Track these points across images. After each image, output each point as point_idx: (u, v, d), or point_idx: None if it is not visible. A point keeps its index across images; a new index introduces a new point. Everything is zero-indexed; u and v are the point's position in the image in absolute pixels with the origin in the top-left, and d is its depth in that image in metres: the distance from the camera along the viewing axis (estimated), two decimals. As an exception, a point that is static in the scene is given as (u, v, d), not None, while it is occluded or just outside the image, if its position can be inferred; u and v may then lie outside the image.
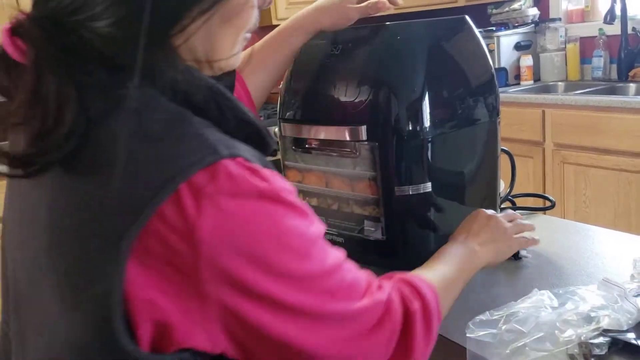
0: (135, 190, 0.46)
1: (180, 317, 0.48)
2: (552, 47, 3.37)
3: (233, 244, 0.47)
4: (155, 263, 0.47)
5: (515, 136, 2.91)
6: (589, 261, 0.92)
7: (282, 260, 0.50)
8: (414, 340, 0.60)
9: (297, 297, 0.52)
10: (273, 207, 0.50)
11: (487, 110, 0.96)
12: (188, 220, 0.46)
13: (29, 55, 0.48)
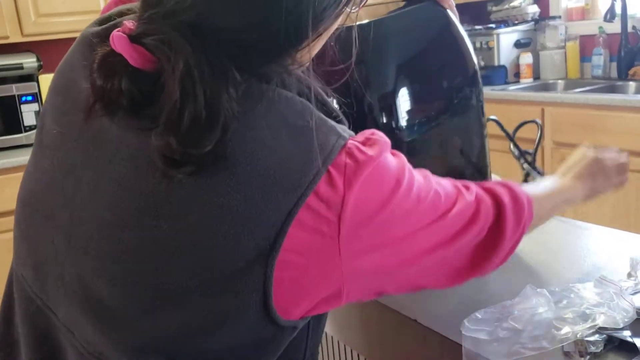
0: (292, 175, 0.53)
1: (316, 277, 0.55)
2: (551, 45, 3.36)
3: (370, 208, 0.55)
4: (305, 234, 0.53)
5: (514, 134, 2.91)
6: (586, 259, 0.91)
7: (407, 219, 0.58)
8: (505, 230, 0.66)
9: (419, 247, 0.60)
10: (387, 172, 0.57)
11: (470, 102, 0.94)
12: (337, 196, 0.54)
13: (168, 62, 0.51)
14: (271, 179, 0.52)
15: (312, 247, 0.54)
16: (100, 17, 0.69)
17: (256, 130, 0.53)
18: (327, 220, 0.54)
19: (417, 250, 0.60)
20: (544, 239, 1.01)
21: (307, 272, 0.55)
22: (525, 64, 3.34)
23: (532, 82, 3.32)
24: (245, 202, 0.52)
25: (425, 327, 0.77)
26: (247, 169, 0.52)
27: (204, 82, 0.51)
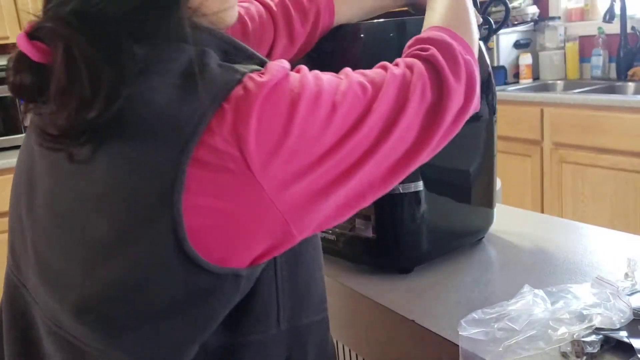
0: (181, 117, 0.54)
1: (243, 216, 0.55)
2: (551, 46, 3.36)
3: (273, 134, 0.55)
4: (210, 175, 0.54)
5: (513, 135, 2.91)
6: (583, 259, 0.91)
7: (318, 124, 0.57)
8: (444, 75, 0.65)
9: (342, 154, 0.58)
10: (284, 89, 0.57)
11: (483, 108, 0.95)
12: (230, 128, 0.54)
13: (57, 50, 0.54)
14: (161, 125, 0.54)
15: (228, 188, 0.54)
16: None
17: (150, 89, 0.56)
18: (229, 155, 0.54)
19: (355, 155, 0.59)
20: (541, 239, 1.01)
21: (237, 215, 0.55)
22: (524, 65, 3.34)
23: (531, 82, 3.33)
24: (141, 151, 0.55)
25: (423, 328, 0.77)
26: (139, 123, 0.55)
27: (87, 60, 0.53)
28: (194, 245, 0.55)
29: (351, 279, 0.93)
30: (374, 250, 0.93)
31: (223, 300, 0.60)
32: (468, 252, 0.98)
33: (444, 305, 0.82)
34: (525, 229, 1.06)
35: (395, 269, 0.93)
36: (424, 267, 0.94)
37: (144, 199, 0.54)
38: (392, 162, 0.63)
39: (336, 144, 0.58)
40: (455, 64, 0.67)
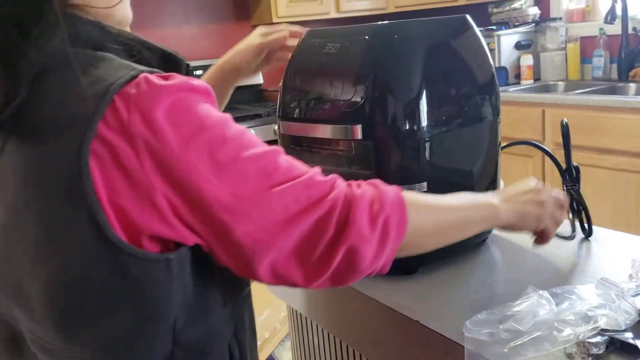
0: (75, 113, 0.58)
1: (137, 211, 0.58)
2: (552, 47, 3.36)
3: (162, 135, 0.58)
4: (108, 167, 0.58)
5: (515, 135, 2.91)
6: (587, 261, 0.91)
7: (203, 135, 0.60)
8: (355, 214, 0.63)
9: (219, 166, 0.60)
10: (187, 94, 0.61)
11: (486, 109, 0.95)
12: (123, 123, 0.57)
13: None
14: (60, 122, 0.59)
15: (127, 178, 0.58)
16: None
17: (48, 88, 0.60)
18: (122, 149, 0.57)
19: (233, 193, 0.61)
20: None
21: (139, 202, 0.58)
22: (525, 66, 3.34)
23: (532, 83, 3.33)
24: (45, 149, 0.59)
25: (428, 329, 0.77)
26: (40, 121, 0.60)
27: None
28: (119, 232, 0.59)
29: (355, 280, 0.93)
30: (378, 251, 0.93)
31: (161, 287, 0.62)
32: (472, 253, 0.98)
33: (448, 306, 0.82)
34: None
35: (399, 270, 0.93)
36: (428, 268, 0.94)
37: (56, 196, 0.58)
38: None
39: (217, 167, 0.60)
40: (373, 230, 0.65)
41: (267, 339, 1.67)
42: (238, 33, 3.62)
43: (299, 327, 1.19)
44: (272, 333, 1.67)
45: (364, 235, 0.64)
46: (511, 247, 1.00)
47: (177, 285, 0.64)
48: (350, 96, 0.88)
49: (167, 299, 0.63)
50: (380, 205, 0.66)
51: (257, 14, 3.56)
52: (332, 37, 0.95)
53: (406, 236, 0.68)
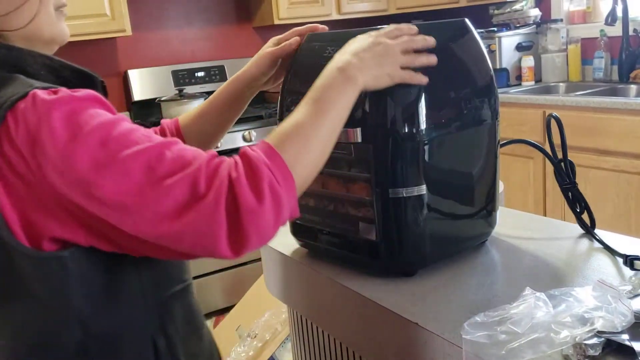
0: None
1: (36, 214, 0.67)
2: (553, 48, 3.37)
3: (46, 144, 0.65)
4: (8, 176, 0.66)
5: (515, 137, 2.91)
6: (585, 263, 0.92)
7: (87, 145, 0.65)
8: (240, 197, 0.66)
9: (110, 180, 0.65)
10: (76, 106, 0.67)
11: (485, 112, 0.96)
12: (11, 136, 0.65)
13: None
14: None
15: (21, 186, 0.66)
16: None
17: None
18: (16, 160, 0.66)
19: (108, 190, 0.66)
20: (544, 242, 1.02)
21: (30, 207, 0.67)
22: (526, 67, 3.35)
23: (533, 84, 3.34)
24: None
25: (426, 330, 0.78)
26: None
27: None
28: (19, 234, 0.67)
29: (355, 282, 0.93)
30: (377, 253, 0.93)
31: (56, 282, 0.71)
32: (471, 255, 0.99)
33: (447, 307, 0.82)
34: (528, 232, 1.07)
35: (398, 272, 0.94)
36: (427, 269, 0.94)
37: None
38: None
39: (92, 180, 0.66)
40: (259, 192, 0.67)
41: (268, 340, 1.67)
42: (239, 35, 3.63)
43: (299, 328, 1.20)
44: (273, 334, 1.68)
45: (255, 210, 0.66)
46: (510, 249, 1.01)
47: (76, 280, 0.71)
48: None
49: (65, 292, 0.71)
50: (256, 173, 0.67)
51: (258, 16, 3.57)
52: (332, 40, 0.96)
53: (296, 177, 0.70)
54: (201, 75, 3.42)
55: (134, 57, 3.35)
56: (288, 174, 0.69)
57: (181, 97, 3.02)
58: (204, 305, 2.98)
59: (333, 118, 0.76)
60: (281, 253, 1.10)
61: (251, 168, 0.68)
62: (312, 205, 1.01)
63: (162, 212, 0.65)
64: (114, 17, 2.91)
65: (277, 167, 0.69)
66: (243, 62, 3.59)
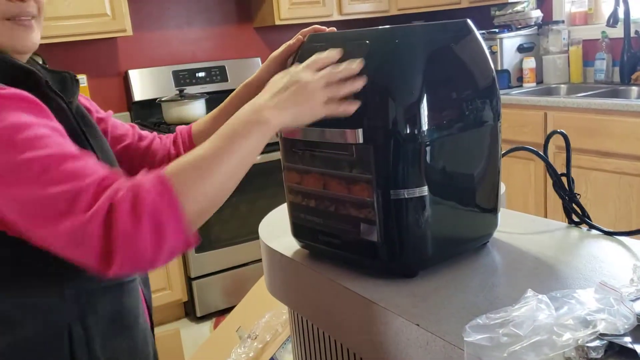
0: None
1: None
2: (555, 50, 3.37)
3: None
4: None
5: (517, 138, 2.91)
6: (587, 264, 0.92)
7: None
8: (117, 219, 0.67)
9: None
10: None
11: (487, 113, 0.95)
12: None
13: None
14: None
15: None
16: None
17: None
18: None
19: None
20: (545, 243, 1.01)
21: None
22: (528, 68, 3.35)
23: (535, 86, 3.33)
24: None
25: (427, 332, 0.77)
26: None
27: None
28: None
29: (355, 283, 0.93)
30: (378, 254, 0.93)
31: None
32: (472, 257, 0.99)
33: (448, 309, 0.82)
34: (530, 234, 1.07)
35: (399, 273, 0.94)
36: (428, 271, 0.94)
37: None
38: None
39: None
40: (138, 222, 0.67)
41: (269, 341, 1.67)
42: (240, 35, 3.63)
43: (300, 330, 1.20)
44: (274, 336, 1.68)
45: (129, 233, 0.66)
46: (512, 251, 1.01)
47: None
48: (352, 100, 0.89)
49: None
50: (138, 198, 0.68)
51: (259, 16, 3.57)
52: (333, 41, 0.96)
53: (187, 208, 0.69)
54: (202, 75, 3.42)
55: (135, 57, 3.35)
56: (174, 203, 0.69)
57: (182, 98, 3.02)
58: (204, 306, 2.98)
59: (238, 156, 0.75)
60: (282, 254, 1.10)
61: (135, 193, 0.68)
62: (313, 206, 1.00)
63: (41, 215, 0.70)
64: (115, 16, 2.91)
65: (163, 195, 0.69)
66: (244, 63, 3.62)
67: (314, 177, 0.98)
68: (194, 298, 2.97)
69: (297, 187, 1.02)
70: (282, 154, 1.03)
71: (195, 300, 2.97)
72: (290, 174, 1.02)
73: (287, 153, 1.01)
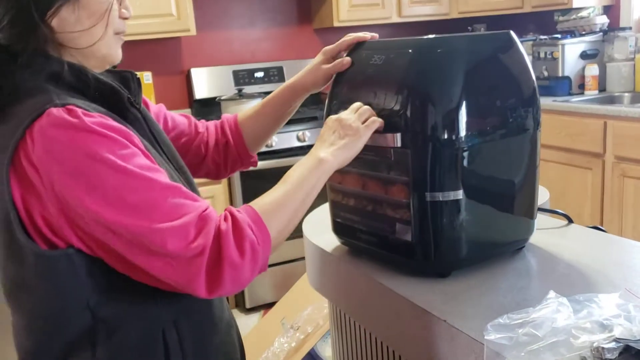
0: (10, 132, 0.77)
1: (48, 217, 0.77)
2: (620, 57, 3.28)
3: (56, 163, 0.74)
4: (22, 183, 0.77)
5: (575, 147, 2.86)
6: (618, 273, 0.92)
7: (94, 176, 0.75)
8: (225, 251, 0.77)
9: (111, 212, 0.76)
10: (83, 135, 0.75)
11: (526, 122, 0.98)
12: (28, 152, 0.75)
13: None
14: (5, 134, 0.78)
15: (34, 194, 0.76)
16: None
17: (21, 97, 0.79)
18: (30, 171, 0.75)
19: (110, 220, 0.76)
20: (581, 251, 1.03)
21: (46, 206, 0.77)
22: (590, 76, 3.27)
23: (597, 94, 3.25)
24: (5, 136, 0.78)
25: (454, 328, 0.81)
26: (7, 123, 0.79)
27: None
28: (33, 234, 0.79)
29: (391, 280, 0.97)
30: (413, 254, 0.97)
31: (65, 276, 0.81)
32: (507, 260, 1.01)
33: (476, 308, 0.85)
34: (568, 241, 1.08)
35: (433, 272, 0.97)
36: (461, 271, 0.97)
37: None
38: None
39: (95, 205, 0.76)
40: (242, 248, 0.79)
41: (310, 333, 1.73)
42: (299, 36, 3.71)
43: (339, 323, 1.25)
44: (315, 328, 1.73)
45: (236, 264, 0.78)
46: (546, 256, 1.03)
47: (83, 274, 0.81)
48: (392, 106, 0.93)
49: (74, 284, 0.81)
50: (241, 232, 0.79)
51: (318, 18, 3.63)
52: (378, 49, 1.00)
53: (273, 239, 0.83)
54: (260, 75, 3.51)
55: (197, 56, 3.47)
56: (267, 235, 0.82)
57: (240, 97, 3.12)
58: (253, 299, 3.07)
59: (308, 198, 0.90)
60: (323, 249, 1.15)
61: (237, 227, 0.79)
62: (352, 205, 1.05)
63: (152, 249, 0.76)
64: (180, 17, 3.04)
65: (258, 229, 0.81)
66: (301, 64, 3.71)
67: (353, 178, 1.03)
68: (244, 291, 3.07)
69: (338, 186, 1.07)
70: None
71: (245, 292, 3.07)
72: (332, 174, 1.07)
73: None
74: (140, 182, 0.77)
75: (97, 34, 0.84)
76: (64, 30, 0.82)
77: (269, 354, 1.79)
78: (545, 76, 3.34)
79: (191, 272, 0.77)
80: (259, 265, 0.81)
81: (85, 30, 0.83)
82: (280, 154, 2.99)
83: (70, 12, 0.81)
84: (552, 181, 2.96)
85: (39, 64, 0.81)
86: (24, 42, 0.80)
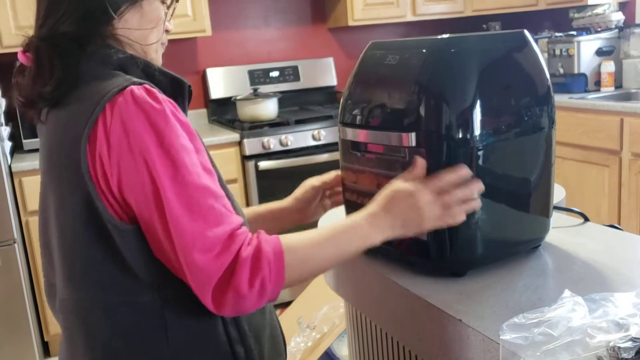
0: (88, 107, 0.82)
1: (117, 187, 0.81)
2: (636, 53, 3.25)
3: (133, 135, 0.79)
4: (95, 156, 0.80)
5: (591, 144, 2.84)
6: (634, 272, 0.92)
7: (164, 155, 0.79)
8: (236, 278, 0.79)
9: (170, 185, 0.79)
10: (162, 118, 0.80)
11: (541, 120, 0.98)
12: (106, 124, 0.80)
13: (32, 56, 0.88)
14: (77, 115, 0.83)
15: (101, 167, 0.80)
16: None
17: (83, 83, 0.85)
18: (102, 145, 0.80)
19: None
20: (598, 250, 1.02)
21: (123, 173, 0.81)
22: (606, 72, 3.24)
23: (613, 91, 3.22)
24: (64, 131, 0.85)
25: (469, 327, 0.81)
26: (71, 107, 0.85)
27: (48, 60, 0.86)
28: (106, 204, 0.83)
29: (406, 279, 0.98)
30: (428, 253, 0.97)
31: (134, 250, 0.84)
32: (522, 259, 1.01)
33: (491, 307, 0.85)
34: (584, 239, 1.08)
35: (448, 272, 0.98)
36: (477, 270, 0.97)
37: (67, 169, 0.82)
38: None
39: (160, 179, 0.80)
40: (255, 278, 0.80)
41: (326, 332, 1.74)
42: (314, 36, 3.71)
43: (354, 322, 1.25)
44: (331, 327, 1.74)
45: (242, 294, 0.80)
46: (562, 255, 1.02)
47: (150, 249, 0.84)
48: (406, 105, 0.94)
49: (143, 258, 0.84)
50: (258, 265, 0.80)
51: (333, 17, 3.64)
52: (393, 49, 1.01)
53: (289, 277, 0.83)
54: (275, 75, 3.53)
55: (213, 56, 3.50)
56: (281, 278, 0.82)
57: (255, 97, 3.14)
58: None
59: (343, 254, 0.89)
60: (338, 248, 1.15)
61: (256, 258, 0.80)
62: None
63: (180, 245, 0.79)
64: (196, 17, 3.06)
65: (276, 269, 0.81)
66: (316, 63, 3.71)
67: (368, 177, 1.03)
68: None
69: (353, 185, 1.08)
70: (340, 155, 1.09)
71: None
72: (347, 173, 1.08)
73: (344, 154, 1.07)
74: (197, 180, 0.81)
75: (151, 39, 0.93)
76: (124, 29, 0.90)
77: (285, 353, 1.81)
78: (561, 73, 3.32)
79: (202, 283, 0.80)
80: (265, 300, 0.83)
81: (143, 32, 0.92)
82: (295, 152, 2.99)
83: (133, 15, 0.90)
84: (568, 179, 2.94)
85: (109, 55, 0.88)
86: (93, 35, 0.87)
